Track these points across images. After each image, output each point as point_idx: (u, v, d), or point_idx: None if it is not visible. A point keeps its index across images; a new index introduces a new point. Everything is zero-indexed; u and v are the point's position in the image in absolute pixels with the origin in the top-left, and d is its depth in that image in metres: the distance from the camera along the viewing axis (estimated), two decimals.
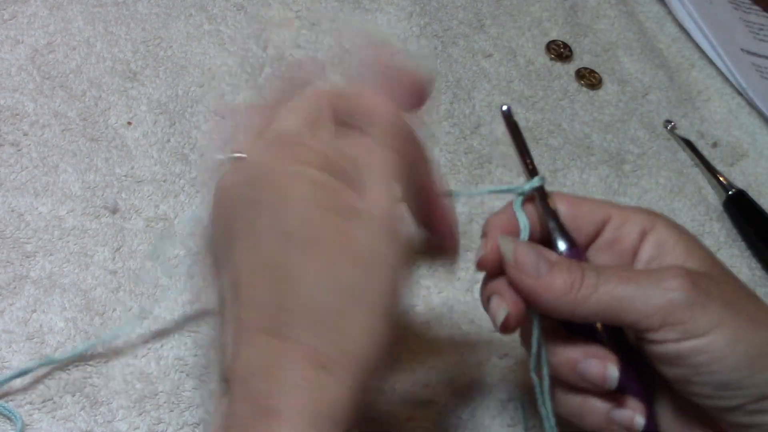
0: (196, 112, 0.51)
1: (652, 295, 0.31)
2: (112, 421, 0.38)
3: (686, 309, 0.30)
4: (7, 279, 0.41)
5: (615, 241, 0.35)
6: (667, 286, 0.31)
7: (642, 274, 0.32)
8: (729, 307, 0.31)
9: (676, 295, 0.30)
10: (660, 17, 0.67)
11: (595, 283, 0.31)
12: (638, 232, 0.34)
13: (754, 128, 0.61)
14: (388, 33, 0.58)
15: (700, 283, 0.31)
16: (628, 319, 0.31)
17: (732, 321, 0.30)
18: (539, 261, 0.32)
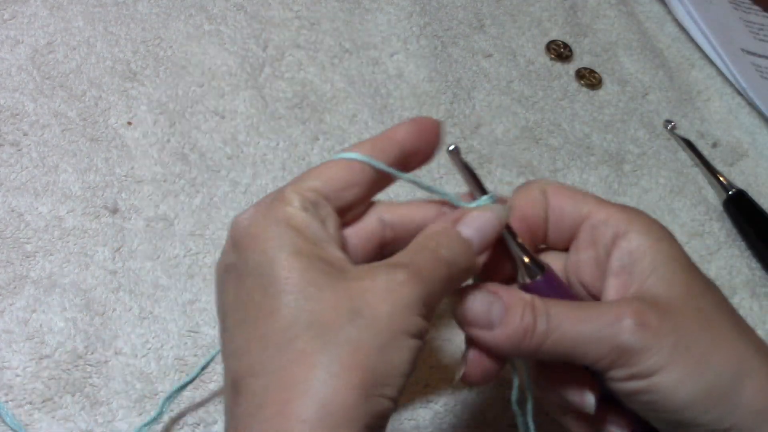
0: (196, 112, 0.51)
1: (602, 338, 0.31)
2: (112, 421, 0.38)
3: (634, 352, 0.31)
4: (7, 279, 0.41)
5: (591, 242, 0.35)
6: (616, 330, 0.31)
7: (593, 314, 0.32)
8: (678, 345, 0.31)
9: (625, 338, 0.31)
10: (660, 17, 0.67)
11: (545, 330, 0.31)
12: (610, 236, 0.34)
13: (754, 128, 0.61)
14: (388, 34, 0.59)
15: (650, 321, 0.31)
16: (582, 361, 0.32)
17: (679, 361, 0.31)
18: (490, 311, 0.32)
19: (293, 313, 0.28)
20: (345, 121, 0.53)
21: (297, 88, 0.54)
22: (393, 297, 0.29)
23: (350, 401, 0.27)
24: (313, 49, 0.56)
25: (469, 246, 0.32)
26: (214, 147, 0.49)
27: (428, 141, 0.35)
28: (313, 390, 0.27)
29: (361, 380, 0.27)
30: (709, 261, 0.52)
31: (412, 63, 0.57)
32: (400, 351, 0.29)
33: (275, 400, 0.27)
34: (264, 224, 0.30)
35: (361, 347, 0.28)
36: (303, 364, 0.28)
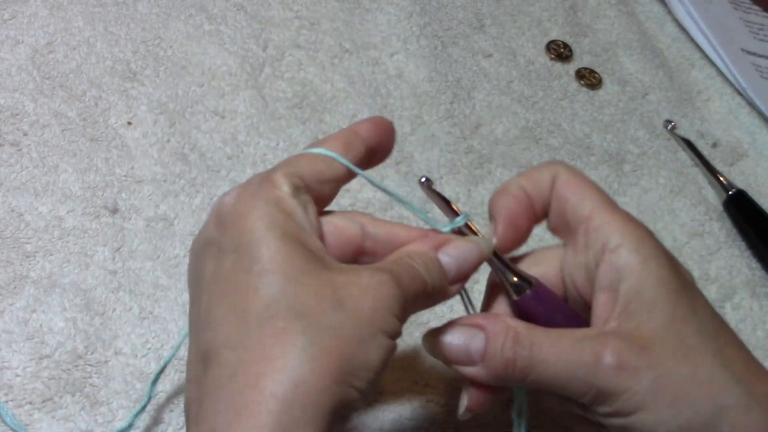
0: (196, 112, 0.51)
1: (583, 378, 0.32)
2: (112, 421, 0.38)
3: (613, 393, 0.31)
4: (7, 279, 0.41)
5: (584, 248, 0.35)
6: (596, 371, 0.31)
7: (574, 351, 0.32)
8: (656, 384, 0.31)
9: (603, 380, 0.31)
10: (660, 17, 0.67)
11: (527, 365, 0.32)
12: (601, 247, 0.34)
13: (754, 128, 0.61)
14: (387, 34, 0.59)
15: (628, 362, 0.31)
16: (566, 395, 0.33)
17: (657, 400, 0.31)
18: (469, 347, 0.33)
19: (276, 293, 0.29)
20: (345, 121, 0.53)
21: (297, 88, 0.54)
22: (375, 294, 0.30)
23: (322, 385, 0.28)
24: (313, 49, 0.56)
25: (445, 273, 0.33)
26: (214, 147, 0.49)
27: (388, 139, 0.36)
28: (289, 368, 0.27)
29: (337, 367, 0.28)
30: (709, 261, 0.52)
31: (412, 63, 0.57)
32: (377, 347, 0.29)
33: (248, 373, 0.28)
34: (252, 204, 0.31)
35: (341, 336, 0.29)
36: (281, 342, 0.28)
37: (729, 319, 0.50)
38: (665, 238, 0.53)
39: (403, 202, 0.36)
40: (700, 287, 0.51)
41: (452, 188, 0.51)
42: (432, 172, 0.52)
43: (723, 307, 0.50)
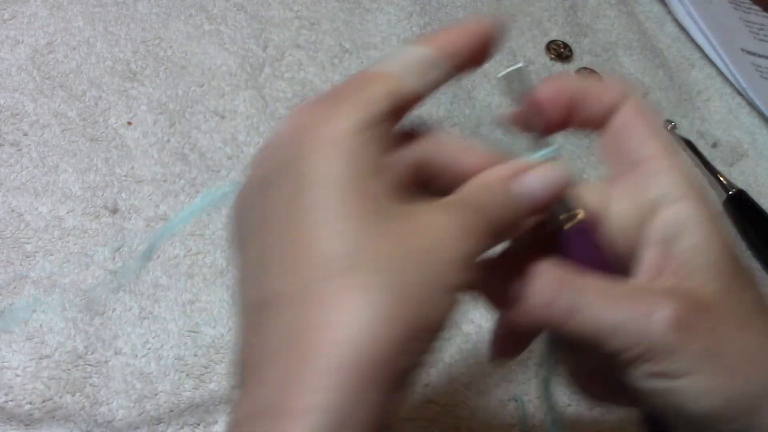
0: (196, 112, 0.51)
1: (632, 329, 0.29)
2: (113, 421, 0.38)
3: (665, 351, 0.29)
4: (7, 279, 0.41)
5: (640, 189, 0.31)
6: (650, 324, 0.29)
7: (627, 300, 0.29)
8: (711, 350, 0.29)
9: (657, 334, 0.29)
10: (660, 17, 0.67)
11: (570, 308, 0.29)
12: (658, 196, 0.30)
13: (754, 128, 0.61)
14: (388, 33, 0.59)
15: (686, 320, 0.29)
16: (606, 349, 0.30)
17: (709, 367, 0.29)
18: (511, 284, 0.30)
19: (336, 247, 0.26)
20: None
21: (297, 88, 0.54)
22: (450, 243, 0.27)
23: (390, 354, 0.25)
24: (313, 49, 0.56)
25: (519, 208, 0.29)
26: (214, 147, 0.49)
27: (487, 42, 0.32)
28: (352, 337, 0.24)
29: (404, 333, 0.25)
30: None
31: None
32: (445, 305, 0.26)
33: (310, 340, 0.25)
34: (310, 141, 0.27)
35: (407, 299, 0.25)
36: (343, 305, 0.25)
37: None
38: None
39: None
40: None
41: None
42: None
43: None
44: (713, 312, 0.29)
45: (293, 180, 0.27)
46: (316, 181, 0.26)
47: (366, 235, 0.26)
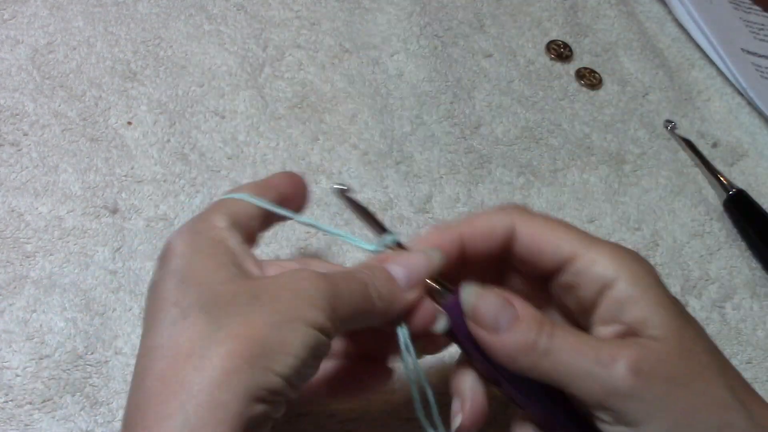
0: (196, 112, 0.51)
1: (596, 374, 0.31)
2: (113, 421, 0.38)
3: (623, 398, 0.31)
4: (7, 279, 0.41)
5: (575, 287, 0.35)
6: (611, 371, 0.31)
7: (592, 348, 0.32)
8: (667, 397, 0.31)
9: (617, 383, 0.31)
10: (660, 17, 0.67)
11: (546, 348, 0.32)
12: (598, 285, 0.34)
13: (754, 128, 0.61)
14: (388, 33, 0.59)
15: (644, 368, 0.31)
16: (570, 392, 0.32)
17: (666, 413, 0.31)
18: (500, 315, 0.33)
19: (195, 300, 0.30)
20: (345, 121, 0.53)
21: (297, 88, 0.54)
22: (294, 287, 0.31)
23: (231, 367, 0.28)
24: (313, 49, 0.56)
25: (393, 279, 0.34)
26: (214, 147, 0.49)
27: (299, 190, 0.38)
28: (195, 356, 0.28)
29: (248, 349, 0.29)
30: (709, 261, 0.52)
31: (412, 63, 0.57)
32: (293, 333, 0.30)
33: (159, 368, 0.29)
34: (186, 237, 0.33)
35: (250, 322, 0.29)
36: (189, 334, 0.29)
37: (729, 319, 0.50)
38: (665, 239, 0.53)
39: (327, 231, 0.37)
40: (700, 287, 0.51)
41: (452, 188, 0.51)
42: (432, 172, 0.52)
43: (723, 307, 0.50)
44: (670, 362, 0.32)
45: (170, 266, 0.32)
46: (185, 260, 0.32)
47: (223, 288, 0.30)
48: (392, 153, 0.52)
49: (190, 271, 0.31)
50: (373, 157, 0.51)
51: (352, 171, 0.50)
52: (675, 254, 0.52)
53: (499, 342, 0.33)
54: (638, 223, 0.53)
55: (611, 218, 0.53)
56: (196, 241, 0.33)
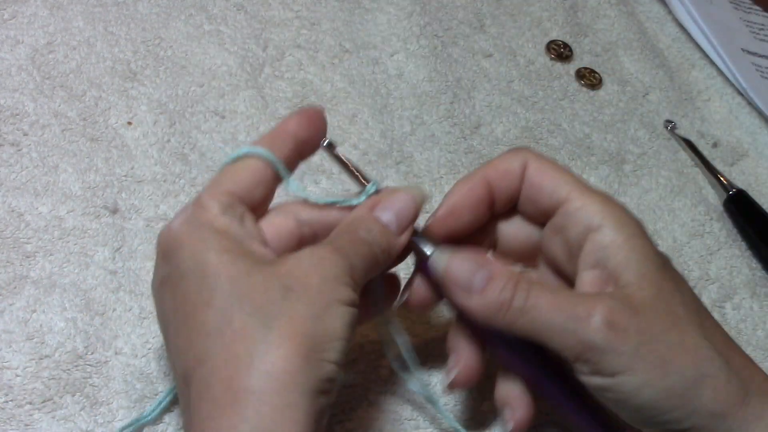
0: (196, 112, 0.51)
1: (572, 330, 0.32)
2: (113, 421, 0.38)
3: (599, 351, 0.32)
4: (7, 279, 0.41)
5: (564, 228, 0.36)
6: (586, 325, 0.32)
7: (568, 304, 0.33)
8: (643, 348, 0.32)
9: (592, 335, 0.32)
10: (660, 17, 0.67)
11: (520, 309, 0.33)
12: (583, 228, 0.35)
13: (754, 128, 0.61)
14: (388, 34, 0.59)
15: (619, 322, 0.32)
16: (549, 346, 0.33)
17: (643, 363, 0.32)
18: (473, 275, 0.34)
19: (227, 299, 0.30)
20: (345, 121, 0.53)
21: (297, 88, 0.54)
22: (320, 270, 0.31)
23: (292, 367, 0.29)
24: (313, 49, 0.56)
25: (387, 228, 0.34)
26: (214, 147, 0.49)
27: (316, 129, 0.37)
28: (256, 362, 0.29)
29: (300, 346, 0.29)
30: (709, 261, 0.52)
31: (412, 63, 0.57)
32: (334, 317, 0.30)
33: (221, 378, 0.29)
34: (189, 230, 0.32)
35: (295, 317, 0.30)
36: (243, 341, 0.29)
37: (729, 319, 0.50)
38: (665, 238, 0.53)
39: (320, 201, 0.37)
40: (700, 287, 0.51)
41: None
42: (432, 172, 0.52)
43: (723, 307, 0.50)
44: (645, 314, 0.33)
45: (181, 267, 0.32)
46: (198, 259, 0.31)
47: (249, 281, 0.30)
48: (392, 153, 0.52)
49: (209, 266, 0.31)
50: (373, 157, 0.51)
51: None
52: (675, 254, 0.52)
53: (473, 303, 0.33)
54: None
55: None
56: (202, 235, 0.32)
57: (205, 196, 0.34)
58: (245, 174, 0.35)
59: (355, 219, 0.34)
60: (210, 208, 0.33)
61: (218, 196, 0.34)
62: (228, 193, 0.34)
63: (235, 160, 0.35)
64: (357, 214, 0.35)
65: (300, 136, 0.36)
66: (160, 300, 0.34)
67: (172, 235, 0.33)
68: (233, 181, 0.34)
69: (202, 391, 0.29)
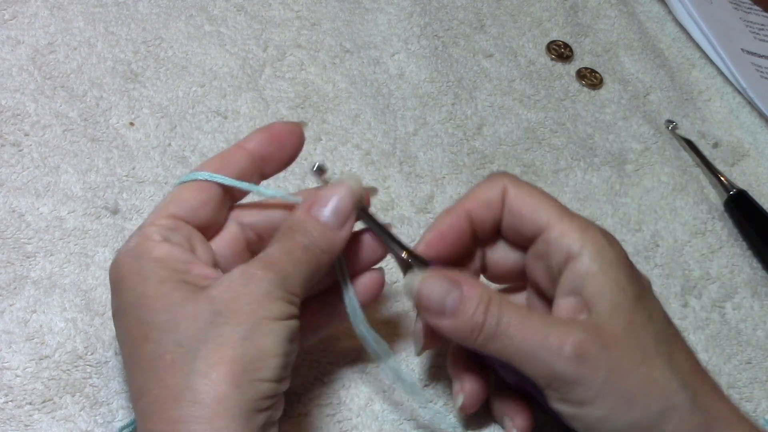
0: (197, 112, 0.51)
1: (543, 359, 0.33)
2: (112, 422, 0.38)
3: (568, 382, 0.33)
4: (8, 279, 0.41)
5: (545, 255, 0.36)
6: (557, 356, 0.32)
7: (540, 333, 0.33)
8: (610, 381, 0.33)
9: (561, 367, 0.32)
10: (660, 17, 0.67)
11: (493, 332, 0.33)
12: (563, 255, 0.35)
13: (754, 128, 0.61)
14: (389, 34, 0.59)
15: (588, 354, 0.32)
16: (521, 371, 0.34)
17: (609, 396, 0.33)
18: (445, 299, 0.34)
19: (161, 331, 0.31)
20: (348, 121, 0.53)
21: (299, 89, 0.54)
22: (249, 289, 0.31)
23: (221, 394, 0.29)
24: (314, 49, 0.56)
25: (326, 226, 0.34)
26: (216, 147, 0.49)
27: (281, 145, 0.37)
28: (184, 392, 0.29)
29: (230, 371, 0.29)
30: (710, 260, 0.52)
31: (413, 63, 0.57)
32: (267, 336, 0.30)
33: (155, 410, 0.30)
34: (129, 263, 0.33)
35: (224, 342, 0.30)
36: (173, 372, 0.30)
37: (729, 319, 0.50)
38: (666, 238, 0.53)
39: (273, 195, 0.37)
40: (700, 287, 0.51)
41: (454, 188, 0.51)
42: (434, 172, 0.52)
43: (723, 307, 0.50)
44: (614, 348, 0.33)
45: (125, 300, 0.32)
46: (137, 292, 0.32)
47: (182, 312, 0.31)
48: (395, 153, 0.52)
49: (145, 300, 0.31)
50: (375, 157, 0.51)
51: (354, 171, 0.50)
52: (676, 254, 0.52)
53: (446, 325, 0.34)
54: (639, 223, 0.53)
55: (612, 219, 0.53)
56: (141, 266, 0.33)
57: (146, 223, 0.34)
58: (189, 195, 0.35)
59: (294, 222, 0.34)
60: (150, 236, 0.34)
61: (160, 220, 0.34)
62: (170, 216, 0.34)
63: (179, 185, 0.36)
64: (295, 216, 0.35)
65: (259, 152, 0.36)
66: (116, 329, 0.34)
67: (116, 268, 0.33)
68: (176, 203, 0.35)
69: (142, 423, 0.30)
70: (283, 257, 0.32)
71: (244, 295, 0.31)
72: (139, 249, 0.33)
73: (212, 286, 0.32)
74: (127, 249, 0.34)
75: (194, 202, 0.35)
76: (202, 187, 0.35)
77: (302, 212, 0.35)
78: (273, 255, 0.33)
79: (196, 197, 0.35)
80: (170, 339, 0.30)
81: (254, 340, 0.30)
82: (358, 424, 0.40)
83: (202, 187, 0.35)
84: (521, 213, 0.36)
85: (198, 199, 0.35)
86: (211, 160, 0.36)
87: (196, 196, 0.35)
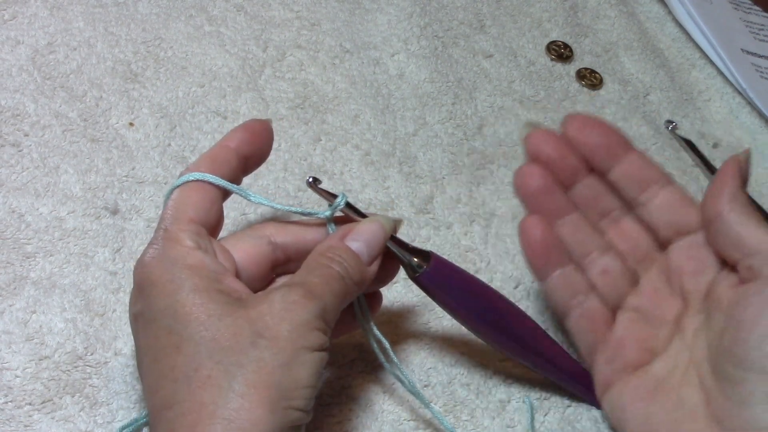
0: (197, 113, 0.51)
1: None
2: (112, 422, 0.38)
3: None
4: (7, 280, 0.41)
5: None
6: None
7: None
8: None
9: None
10: (660, 17, 0.67)
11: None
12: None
13: (754, 128, 0.61)
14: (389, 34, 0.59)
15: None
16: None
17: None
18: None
19: (196, 344, 0.30)
20: (347, 121, 0.53)
21: (298, 89, 0.54)
22: (290, 316, 0.31)
23: (257, 417, 0.29)
24: (313, 50, 0.56)
25: (359, 258, 0.34)
26: None
27: (260, 143, 0.37)
28: (220, 410, 0.29)
29: (267, 396, 0.29)
30: None
31: (413, 63, 0.57)
32: (303, 365, 0.31)
33: (185, 424, 0.29)
34: (162, 268, 0.32)
35: (264, 366, 0.30)
36: (209, 389, 0.29)
37: None
38: None
39: (279, 208, 0.37)
40: None
41: (454, 189, 0.51)
42: (434, 173, 0.52)
43: None
44: None
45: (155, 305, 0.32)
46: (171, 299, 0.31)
47: (220, 326, 0.30)
48: (395, 153, 0.52)
49: (180, 309, 0.31)
50: (375, 158, 0.51)
51: (354, 171, 0.50)
52: None
53: None
54: None
55: None
56: (174, 273, 0.32)
57: (174, 228, 0.34)
58: (198, 197, 0.35)
59: (328, 250, 0.34)
60: (182, 242, 0.33)
61: (186, 226, 0.34)
62: (192, 221, 0.34)
63: (180, 186, 0.35)
64: (330, 243, 0.35)
65: (243, 151, 0.36)
66: (135, 332, 0.34)
67: (145, 272, 0.33)
68: (192, 206, 0.34)
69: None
70: (322, 286, 0.32)
71: (285, 321, 0.31)
72: (172, 254, 0.33)
73: (250, 304, 0.31)
74: (156, 253, 0.33)
75: (205, 205, 0.35)
76: (206, 188, 0.35)
77: (337, 241, 0.35)
78: (312, 282, 0.32)
79: (205, 199, 0.35)
80: (207, 354, 0.30)
81: (292, 368, 0.30)
82: (358, 425, 0.40)
83: (206, 188, 0.35)
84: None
85: (207, 200, 0.35)
86: (203, 160, 0.36)
87: (202, 198, 0.35)
